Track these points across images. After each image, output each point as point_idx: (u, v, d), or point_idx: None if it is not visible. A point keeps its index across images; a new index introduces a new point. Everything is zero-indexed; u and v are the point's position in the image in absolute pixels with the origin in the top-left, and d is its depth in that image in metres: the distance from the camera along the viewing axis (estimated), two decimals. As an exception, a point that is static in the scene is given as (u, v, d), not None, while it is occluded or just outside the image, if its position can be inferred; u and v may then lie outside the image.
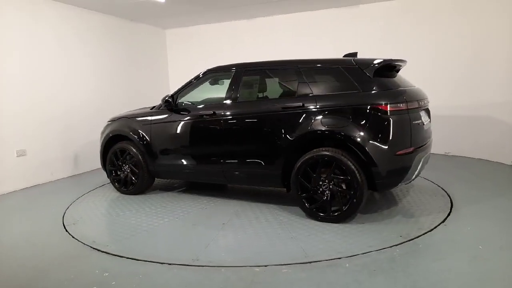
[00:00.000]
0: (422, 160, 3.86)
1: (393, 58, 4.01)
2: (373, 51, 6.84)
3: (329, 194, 3.81)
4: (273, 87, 4.55)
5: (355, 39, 7.48)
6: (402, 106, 3.63)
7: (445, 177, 5.32)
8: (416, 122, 3.75)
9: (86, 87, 6.97)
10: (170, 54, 9.36)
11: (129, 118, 5.32)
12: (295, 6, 7.48)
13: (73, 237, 3.80)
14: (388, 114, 3.59)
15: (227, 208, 4.46)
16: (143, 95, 8.34)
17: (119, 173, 5.27)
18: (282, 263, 3.04)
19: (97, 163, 7.13)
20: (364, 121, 3.67)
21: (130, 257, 3.27)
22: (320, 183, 3.84)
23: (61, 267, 3.16)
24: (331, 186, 3.79)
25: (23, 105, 5.85)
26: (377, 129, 3.62)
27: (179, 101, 4.90)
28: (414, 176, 3.87)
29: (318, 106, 3.89)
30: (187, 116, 4.72)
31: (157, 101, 5.28)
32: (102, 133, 5.53)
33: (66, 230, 4.00)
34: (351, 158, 3.69)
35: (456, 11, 6.71)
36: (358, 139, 3.65)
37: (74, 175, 6.69)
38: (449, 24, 6.78)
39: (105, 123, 5.64)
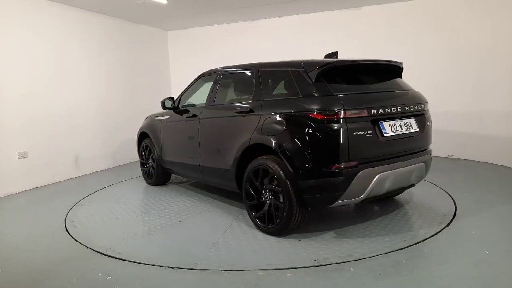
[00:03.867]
0: (378, 176, 3.30)
1: (348, 59, 3.66)
2: (376, 53, 6.83)
3: (267, 205, 3.64)
4: (240, 91, 4.54)
5: (358, 41, 7.48)
6: (337, 114, 3.18)
7: (449, 180, 5.30)
8: (361, 132, 3.25)
9: (87, 88, 6.97)
10: (172, 56, 9.36)
11: (152, 118, 5.87)
12: (298, 9, 7.48)
13: (75, 239, 3.79)
14: (318, 122, 3.23)
15: (203, 207, 4.66)
16: (145, 96, 8.34)
17: (146, 166, 5.91)
18: (170, 266, 3.11)
19: (99, 165, 7.19)
20: (295, 129, 3.39)
21: (132, 260, 3.25)
22: (263, 192, 3.70)
23: (64, 270, 3.14)
24: (270, 197, 3.62)
25: (25, 107, 5.84)
26: (306, 138, 3.29)
27: (185, 103, 5.13)
28: (364, 195, 3.32)
29: (262, 112, 3.75)
30: (181, 118, 5.05)
31: (158, 102, 5.47)
32: None
33: (68, 233, 3.98)
34: (284, 168, 3.43)
35: (461, 14, 6.70)
36: (286, 149, 3.40)
37: (76, 177, 6.68)
38: (454, 27, 6.77)
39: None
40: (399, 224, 3.81)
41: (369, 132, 3.29)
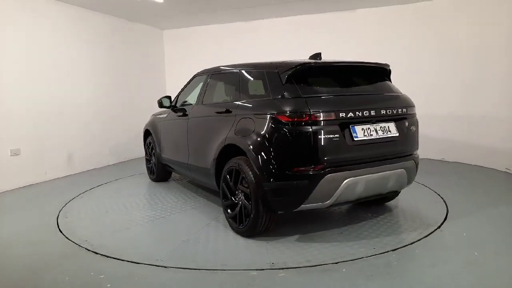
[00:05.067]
0: (346, 182, 3.22)
1: (323, 60, 3.64)
2: (370, 55, 6.87)
3: (239, 206, 3.63)
4: (224, 92, 4.57)
5: (352, 43, 7.53)
6: (302, 116, 3.15)
7: (441, 183, 5.35)
8: (327, 136, 3.17)
9: (81, 86, 6.93)
10: (167, 55, 9.34)
11: (155, 116, 5.99)
12: (293, 10, 7.50)
13: (67, 238, 3.77)
14: (283, 124, 3.20)
15: (191, 204, 4.76)
16: (140, 95, 8.32)
17: (150, 162, 6.11)
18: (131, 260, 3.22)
19: (91, 164, 7.15)
20: (262, 131, 3.36)
21: (125, 259, 3.24)
22: (237, 192, 3.68)
23: (56, 269, 3.12)
24: (242, 198, 3.59)
25: (18, 103, 5.80)
26: (272, 140, 3.26)
27: (181, 102, 5.19)
28: (332, 200, 3.26)
29: (237, 113, 3.77)
30: (175, 116, 5.14)
31: (154, 102, 5.51)
32: None
33: (61, 231, 3.96)
34: (252, 170, 3.41)
35: (453, 18, 6.77)
36: (253, 150, 3.39)
37: (68, 175, 6.64)
38: (447, 31, 6.84)
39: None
40: (390, 224, 3.84)
41: (336, 135, 3.21)
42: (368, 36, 7.46)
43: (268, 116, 3.33)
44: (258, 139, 3.38)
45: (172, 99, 5.36)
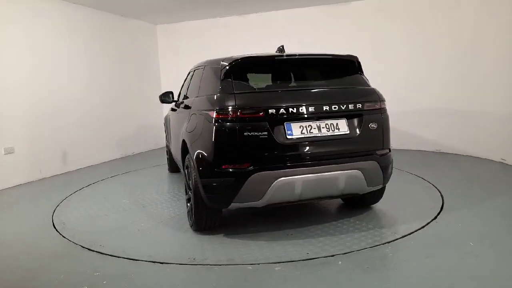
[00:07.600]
0: (277, 181, 3.07)
1: (264, 54, 3.60)
2: (363, 48, 6.85)
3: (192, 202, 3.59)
4: (197, 87, 4.49)
5: (345, 36, 7.50)
6: (228, 113, 3.09)
7: (436, 174, 5.36)
8: (256, 133, 3.07)
9: (74, 83, 6.87)
10: (161, 50, 9.28)
11: (171, 110, 5.90)
12: (287, 3, 7.46)
13: (63, 236, 3.75)
14: (212, 121, 3.17)
15: (179, 197, 4.85)
16: (133, 91, 8.27)
17: (168, 153, 6.27)
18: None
19: (86, 161, 7.12)
20: (198, 128, 3.41)
21: (121, 256, 3.23)
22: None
23: (51, 267, 3.11)
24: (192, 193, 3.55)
25: (11, 101, 5.74)
26: (204, 137, 3.28)
27: (181, 96, 5.22)
28: (265, 199, 3.15)
29: (192, 108, 3.83)
30: (171, 111, 5.34)
31: (149, 98, 5.46)
32: None
33: (56, 229, 3.94)
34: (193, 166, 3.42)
35: (446, 10, 6.75)
36: (191, 147, 3.45)
37: (63, 173, 6.60)
38: (440, 23, 6.83)
39: None
40: (386, 216, 3.83)
41: (264, 133, 3.09)
42: (363, 29, 7.42)
43: (203, 112, 3.38)
44: (196, 135, 3.44)
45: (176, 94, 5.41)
